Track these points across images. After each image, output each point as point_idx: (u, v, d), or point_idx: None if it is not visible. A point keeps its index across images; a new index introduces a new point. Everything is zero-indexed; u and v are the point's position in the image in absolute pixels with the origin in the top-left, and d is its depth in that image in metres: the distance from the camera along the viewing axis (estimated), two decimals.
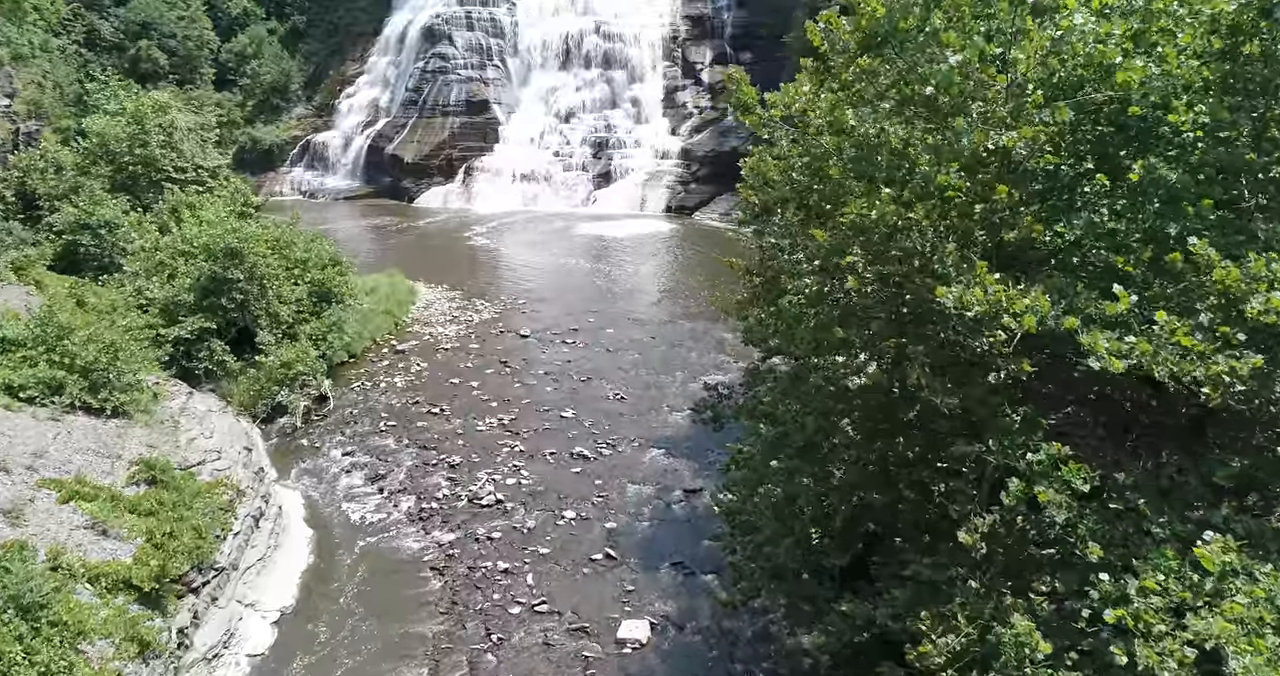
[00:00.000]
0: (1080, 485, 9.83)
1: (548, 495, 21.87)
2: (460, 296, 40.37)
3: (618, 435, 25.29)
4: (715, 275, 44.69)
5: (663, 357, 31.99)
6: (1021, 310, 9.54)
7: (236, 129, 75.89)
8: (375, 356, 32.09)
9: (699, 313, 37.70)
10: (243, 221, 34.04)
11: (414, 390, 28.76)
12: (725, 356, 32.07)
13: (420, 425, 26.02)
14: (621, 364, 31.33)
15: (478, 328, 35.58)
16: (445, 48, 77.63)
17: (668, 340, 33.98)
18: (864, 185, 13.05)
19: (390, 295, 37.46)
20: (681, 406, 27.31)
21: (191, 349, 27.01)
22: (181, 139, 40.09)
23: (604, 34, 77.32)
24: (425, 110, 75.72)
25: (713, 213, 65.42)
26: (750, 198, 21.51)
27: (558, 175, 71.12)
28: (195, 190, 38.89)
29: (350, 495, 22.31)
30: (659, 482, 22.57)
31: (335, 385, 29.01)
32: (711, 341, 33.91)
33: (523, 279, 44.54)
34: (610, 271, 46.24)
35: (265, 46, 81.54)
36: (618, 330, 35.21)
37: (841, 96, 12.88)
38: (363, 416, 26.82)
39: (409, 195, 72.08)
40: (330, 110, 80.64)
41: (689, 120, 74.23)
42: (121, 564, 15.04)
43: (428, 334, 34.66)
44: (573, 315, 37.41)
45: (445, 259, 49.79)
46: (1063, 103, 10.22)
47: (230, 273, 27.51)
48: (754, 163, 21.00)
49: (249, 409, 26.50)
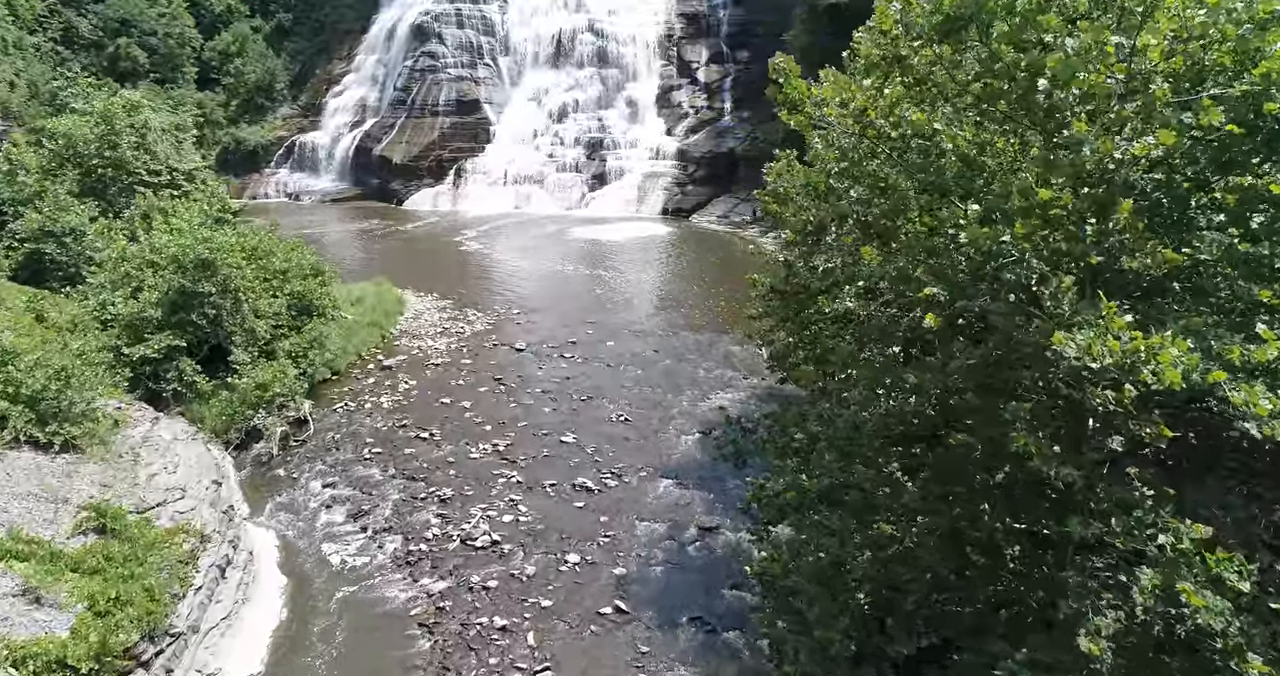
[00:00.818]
0: (1237, 581, 7.74)
1: (548, 534, 19.66)
2: (451, 306, 38.09)
3: (623, 463, 23.11)
4: (717, 283, 42.70)
5: (667, 373, 29.83)
6: (1166, 363, 7.42)
7: (219, 129, 73.51)
8: (360, 373, 29.81)
9: (703, 323, 35.55)
10: (219, 228, 31.75)
11: (401, 412, 26.50)
12: (734, 372, 29.93)
13: (408, 452, 23.77)
14: (624, 381, 29.15)
15: (470, 340, 33.33)
16: (435, 46, 75.30)
17: (672, 353, 31.82)
18: (931, 199, 10.96)
19: (377, 305, 35.18)
20: (691, 429, 25.16)
21: (159, 369, 24.71)
22: (155, 140, 37.70)
23: (597, 32, 75.16)
24: (414, 110, 73.39)
25: (710, 215, 63.32)
26: (772, 209, 19.42)
27: (551, 176, 68.91)
28: (170, 194, 36.52)
29: (330, 534, 20.04)
30: (671, 519, 20.39)
31: (317, 406, 26.74)
32: (718, 355, 31.77)
33: (516, 286, 42.30)
34: (608, 278, 44.03)
35: (249, 44, 79.13)
36: (618, 343, 33.02)
37: (915, 92, 10.68)
38: (345, 442, 24.55)
39: (398, 197, 69.74)
40: (317, 110, 78.21)
41: (685, 120, 72.11)
42: (55, 640, 12.75)
43: (416, 348, 32.39)
44: (570, 326, 35.20)
45: (435, 265, 47.50)
46: (1208, 100, 8.06)
47: (201, 286, 25.21)
48: (781, 167, 18.96)
49: (221, 434, 24.21)
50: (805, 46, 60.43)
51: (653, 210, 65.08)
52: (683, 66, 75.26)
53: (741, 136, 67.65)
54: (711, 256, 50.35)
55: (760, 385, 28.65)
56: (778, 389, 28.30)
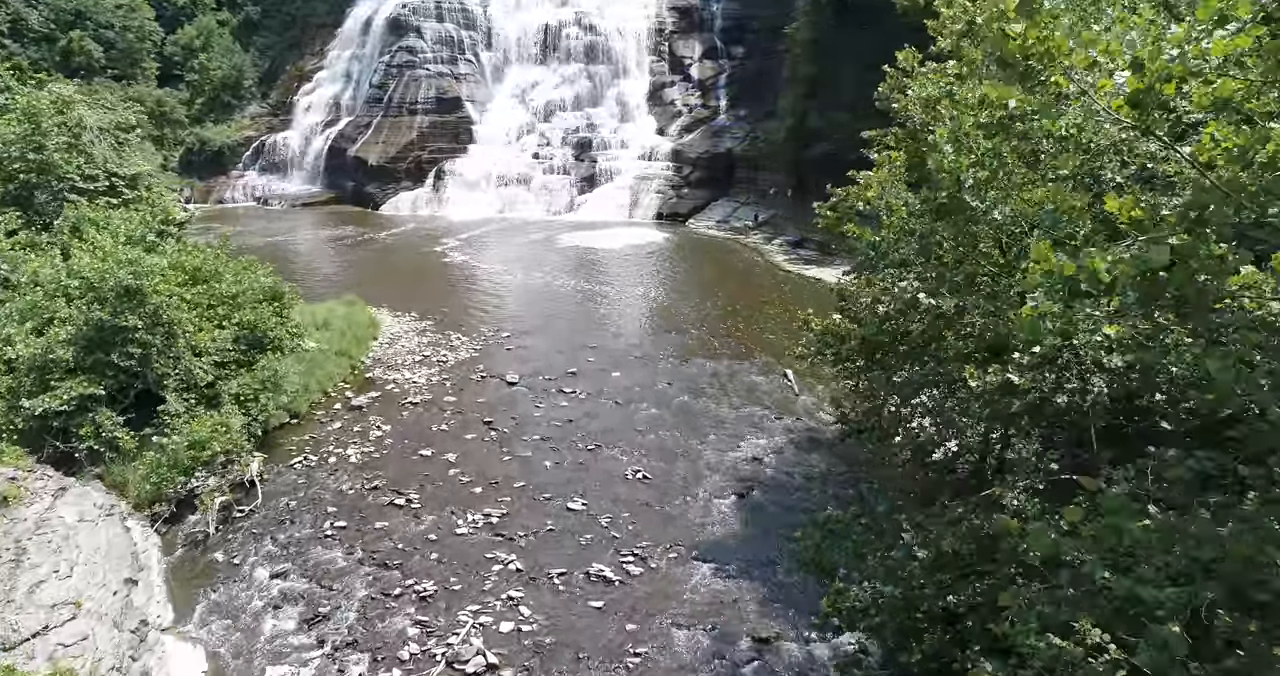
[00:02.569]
0: None
1: (560, 653, 14.98)
2: (432, 328, 33.25)
3: (647, 539, 18.47)
4: (729, 298, 37.68)
5: (685, 412, 25.23)
6: None
7: (182, 129, 67.98)
8: (325, 415, 24.96)
9: (719, 348, 30.96)
10: (161, 243, 26.88)
11: (372, 468, 21.71)
12: (762, 409, 25.38)
13: (379, 526, 18.99)
14: (636, 422, 24.51)
15: (453, 371, 28.54)
16: (413, 40, 70.19)
17: (687, 386, 27.22)
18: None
19: (347, 330, 30.28)
20: (724, 490, 20.57)
21: (70, 424, 19.83)
22: (92, 141, 32.55)
23: (585, 26, 70.41)
24: (391, 108, 68.26)
25: (709, 220, 58.80)
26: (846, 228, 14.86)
27: (537, 179, 64.10)
28: (108, 203, 31.45)
29: (277, 651, 15.26)
30: (714, 623, 15.78)
31: (270, 460, 21.91)
32: (740, 387, 27.20)
33: (505, 304, 37.51)
34: (605, 293, 39.35)
35: (215, 39, 73.61)
36: (624, 373, 28.37)
37: None
38: (302, 512, 19.72)
39: (374, 201, 64.64)
40: (287, 108, 72.87)
41: (678, 119, 67.53)
42: None
43: (392, 381, 27.56)
44: (567, 352, 30.51)
45: (414, 278, 42.58)
46: None
47: (124, 319, 20.31)
48: (883, 176, 14.41)
49: (148, 505, 19.36)
50: (808, 40, 56.07)
51: (646, 215, 60.46)
52: (675, 63, 70.63)
53: (740, 136, 63.11)
54: (716, 266, 45.78)
55: (797, 427, 24.14)
56: (819, 432, 23.84)
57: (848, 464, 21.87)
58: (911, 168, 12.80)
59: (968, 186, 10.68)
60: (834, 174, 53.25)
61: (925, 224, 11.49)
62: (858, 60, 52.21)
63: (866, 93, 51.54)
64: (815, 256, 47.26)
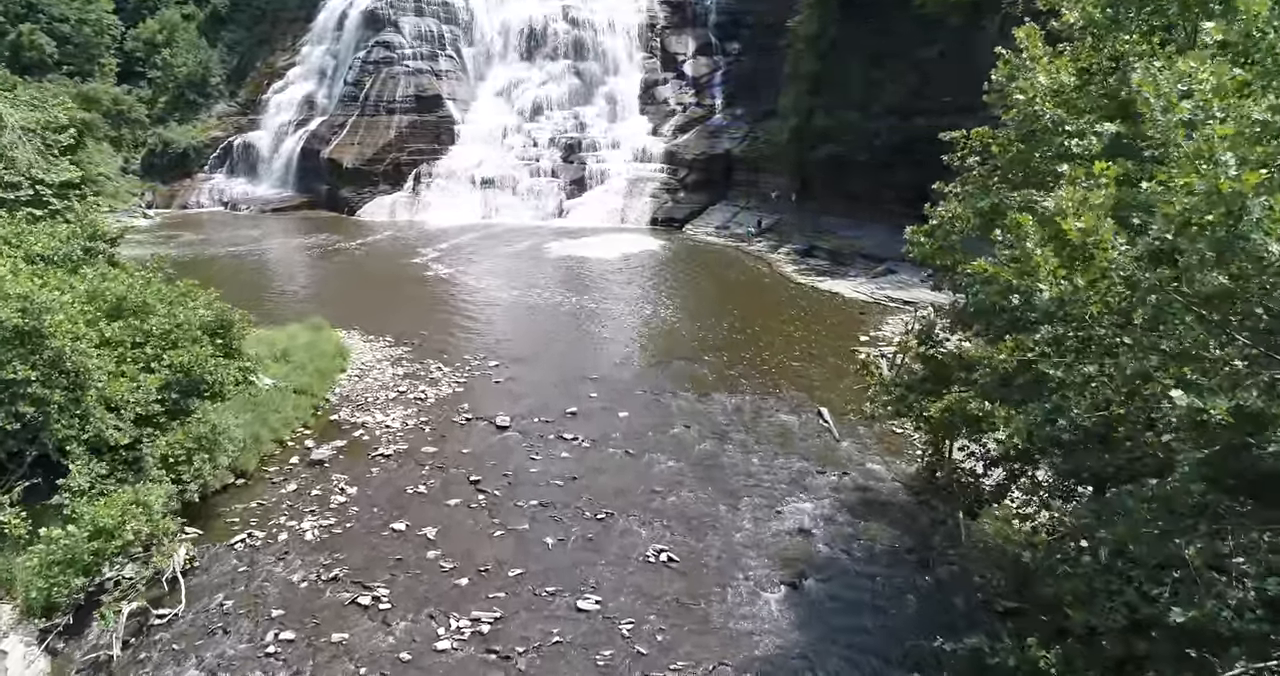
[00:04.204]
0: None
1: None
2: (409, 356, 28.83)
3: (681, 654, 14.22)
4: (743, 317, 32.55)
5: (709, 465, 21.02)
6: None
7: (143, 129, 62.94)
8: (278, 472, 20.52)
9: (739, 380, 26.76)
10: (89, 262, 22.47)
11: (331, 549, 17.31)
12: (800, 460, 21.20)
13: (336, 639, 14.60)
14: (652, 480, 20.24)
15: (434, 412, 24.16)
16: (390, 35, 65.55)
17: (710, 430, 23.00)
18: None
19: (310, 361, 25.80)
20: (769, 577, 16.33)
21: None
22: (12, 144, 27.86)
23: (572, 20, 66.09)
24: (368, 107, 63.61)
25: (707, 226, 54.65)
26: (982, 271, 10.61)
27: (524, 182, 59.70)
28: (30, 215, 26.77)
29: None
30: None
31: (205, 536, 17.51)
32: (770, 431, 23.03)
33: (492, 326, 33.13)
34: (602, 311, 35.07)
35: (180, 33, 68.63)
36: (632, 413, 24.12)
37: None
38: (239, 616, 15.30)
39: (349, 206, 60.00)
40: (257, 107, 68.00)
41: (671, 118, 63.37)
42: None
43: (360, 426, 23.15)
44: (565, 386, 26.22)
45: (389, 294, 38.09)
46: None
47: (10, 370, 15.83)
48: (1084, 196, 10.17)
49: (41, 611, 14.88)
50: (813, 35, 51.93)
51: (640, 220, 56.21)
52: (667, 59, 66.42)
53: (738, 136, 58.95)
54: (721, 279, 41.60)
55: (845, 486, 19.96)
56: (872, 491, 19.70)
57: (914, 535, 17.74)
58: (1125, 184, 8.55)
59: (1254, 220, 6.51)
60: (842, 176, 49.48)
61: (1159, 276, 7.29)
62: (865, 56, 48.26)
63: (876, 90, 47.79)
64: (827, 266, 43.19)
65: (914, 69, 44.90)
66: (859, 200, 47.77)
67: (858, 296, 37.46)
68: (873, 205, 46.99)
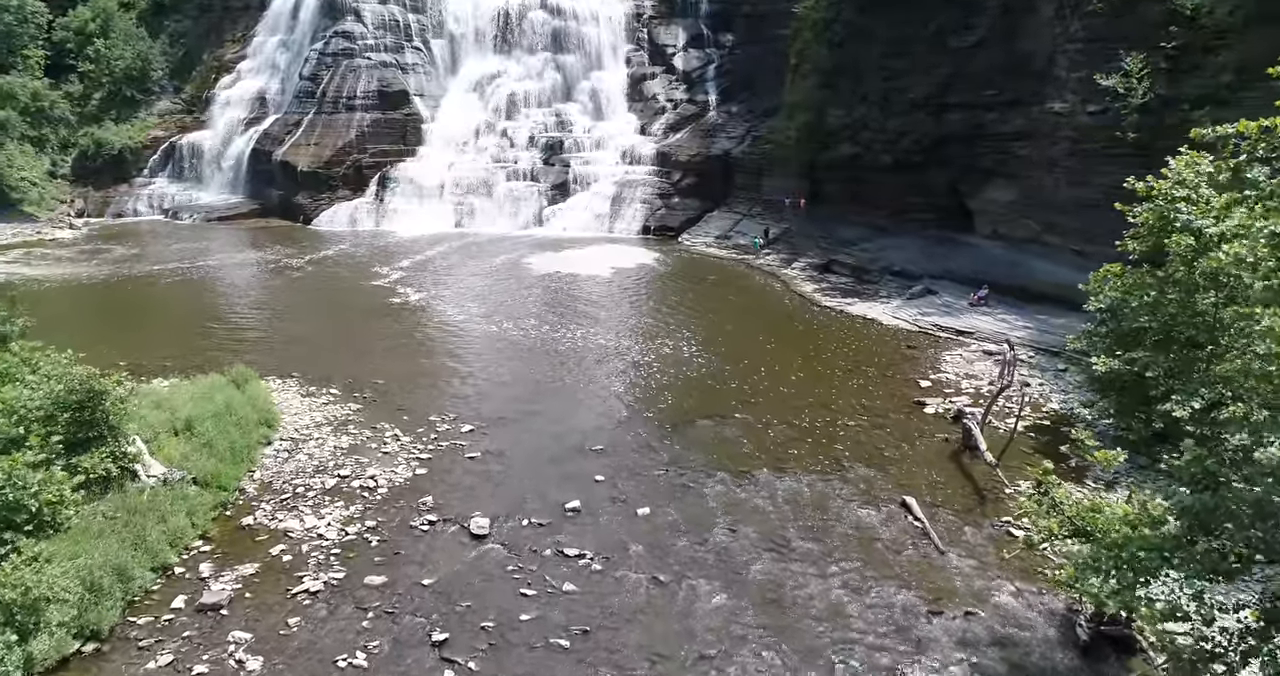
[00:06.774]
0: None
1: None
2: (357, 417, 22.02)
3: None
4: (776, 353, 25.13)
5: (773, 597, 14.51)
6: None
7: (69, 128, 55.23)
8: (150, 628, 13.67)
9: (784, 449, 20.26)
10: None
11: None
12: (903, 589, 14.74)
13: None
14: (698, 632, 13.68)
15: (384, 510, 17.41)
16: (351, 25, 58.27)
17: (763, 534, 16.49)
18: None
19: (222, 435, 18.95)
20: None
21: None
22: None
23: (552, 9, 59.29)
24: (326, 104, 56.26)
25: (705, 235, 48.11)
26: None
27: (500, 186, 52.85)
28: None
29: None
30: None
31: None
32: (845, 537, 16.57)
33: (465, 371, 26.30)
34: (600, 348, 28.42)
35: (116, 22, 60.77)
36: (655, 508, 17.55)
37: None
38: None
39: (304, 214, 52.77)
40: (203, 104, 60.41)
41: (661, 116, 56.80)
42: None
43: (281, 537, 16.33)
44: (560, 463, 19.59)
45: (341, 327, 31.12)
46: None
47: None
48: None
49: None
50: (823, 22, 45.47)
51: (630, 229, 49.59)
52: (656, 52, 59.78)
53: (737, 136, 52.41)
54: (733, 302, 35.10)
55: (977, 637, 13.51)
56: (1018, 645, 13.28)
57: None
58: None
59: None
60: (860, 180, 42.88)
61: None
62: (885, 44, 41.82)
63: (899, 83, 40.91)
64: (851, 285, 36.87)
65: (946, 58, 38.59)
66: (881, 207, 41.52)
67: (898, 324, 31.11)
68: (898, 213, 40.78)
